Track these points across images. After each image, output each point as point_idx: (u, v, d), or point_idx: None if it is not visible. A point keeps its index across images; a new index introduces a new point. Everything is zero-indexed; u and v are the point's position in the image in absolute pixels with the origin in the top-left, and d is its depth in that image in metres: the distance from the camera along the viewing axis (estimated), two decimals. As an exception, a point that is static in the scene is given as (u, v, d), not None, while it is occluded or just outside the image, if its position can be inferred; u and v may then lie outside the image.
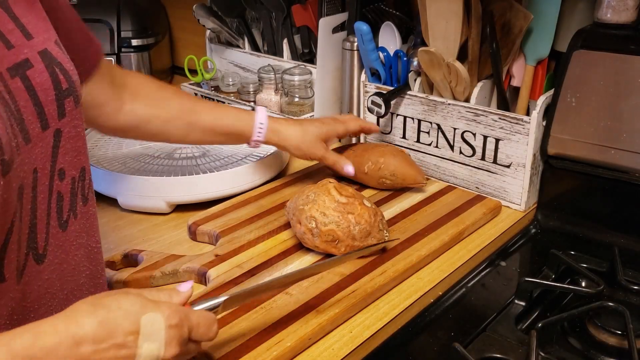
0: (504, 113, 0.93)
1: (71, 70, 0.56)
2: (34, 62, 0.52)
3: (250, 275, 0.77)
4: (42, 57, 0.53)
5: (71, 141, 0.57)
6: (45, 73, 0.53)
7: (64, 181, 0.56)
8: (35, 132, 0.52)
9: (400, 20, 1.12)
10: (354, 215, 0.78)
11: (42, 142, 0.53)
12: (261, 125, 0.90)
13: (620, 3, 0.86)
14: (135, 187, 0.94)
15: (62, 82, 0.54)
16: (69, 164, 0.56)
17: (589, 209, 0.93)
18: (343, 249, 0.78)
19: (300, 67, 1.24)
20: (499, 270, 0.86)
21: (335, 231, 0.77)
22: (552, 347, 0.71)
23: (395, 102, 1.05)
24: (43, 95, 0.52)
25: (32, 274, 0.52)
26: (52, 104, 0.53)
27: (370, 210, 0.80)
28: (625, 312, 0.71)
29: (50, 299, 0.56)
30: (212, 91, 1.38)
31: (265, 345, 0.65)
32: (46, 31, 0.55)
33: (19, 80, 0.50)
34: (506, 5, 0.92)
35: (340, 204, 0.79)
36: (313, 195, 0.80)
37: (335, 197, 0.80)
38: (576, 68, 0.88)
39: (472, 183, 1.00)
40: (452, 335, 0.73)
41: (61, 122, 0.55)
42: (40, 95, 0.52)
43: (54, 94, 0.53)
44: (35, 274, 0.53)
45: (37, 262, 0.53)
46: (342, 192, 0.80)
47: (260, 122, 0.90)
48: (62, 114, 0.55)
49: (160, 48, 1.58)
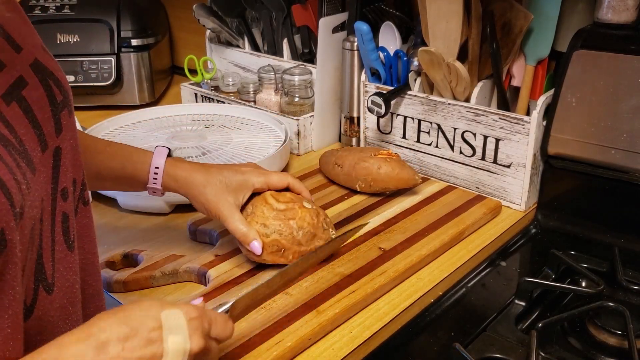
0: (504, 113, 0.93)
1: (62, 78, 0.53)
2: (28, 78, 0.48)
3: (250, 275, 0.77)
4: (35, 70, 0.49)
5: (69, 156, 0.53)
6: (40, 88, 0.49)
7: (68, 200, 0.52)
8: (37, 159, 0.47)
9: (400, 20, 1.12)
10: (296, 220, 0.76)
11: (44, 167, 0.48)
12: (156, 170, 0.76)
13: (621, 3, 0.86)
14: (135, 187, 0.94)
15: (57, 95, 0.51)
16: (70, 181, 0.53)
17: (589, 209, 0.93)
18: (291, 257, 0.77)
19: (300, 67, 1.24)
20: (499, 270, 0.86)
21: (279, 240, 0.76)
22: (552, 347, 0.71)
23: (396, 102, 1.05)
24: (40, 114, 0.48)
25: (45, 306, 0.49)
26: (49, 122, 0.49)
27: (311, 211, 0.78)
28: (625, 312, 0.71)
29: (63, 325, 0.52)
30: (212, 91, 1.38)
31: (265, 345, 0.65)
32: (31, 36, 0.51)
33: (16, 106, 0.46)
34: (506, 5, 0.93)
35: (280, 212, 0.77)
36: (251, 208, 0.78)
37: (273, 205, 0.77)
38: (576, 68, 0.88)
39: (472, 183, 1.00)
40: (452, 335, 0.73)
41: (59, 139, 0.51)
42: (38, 115, 0.48)
43: (50, 110, 0.50)
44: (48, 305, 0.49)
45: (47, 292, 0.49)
46: (280, 199, 0.78)
47: (155, 167, 0.76)
48: (59, 129, 0.51)
49: (160, 48, 1.58)
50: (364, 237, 0.86)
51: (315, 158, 1.12)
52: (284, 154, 1.09)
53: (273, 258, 0.77)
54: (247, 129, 1.21)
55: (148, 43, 1.48)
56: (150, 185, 0.77)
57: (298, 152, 1.20)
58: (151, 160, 0.77)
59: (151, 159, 0.77)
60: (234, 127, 1.22)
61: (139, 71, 1.47)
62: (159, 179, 0.77)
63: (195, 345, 0.49)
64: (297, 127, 1.18)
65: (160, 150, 0.78)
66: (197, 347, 0.50)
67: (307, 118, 1.19)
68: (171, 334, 0.48)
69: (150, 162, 0.77)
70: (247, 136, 1.17)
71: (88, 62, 1.40)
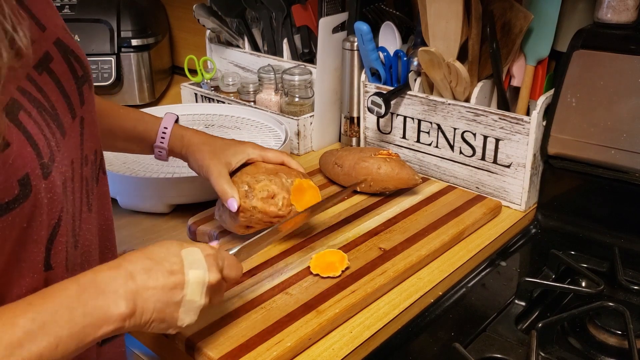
0: (504, 113, 0.93)
1: (82, 56, 0.57)
2: (53, 54, 0.52)
3: (250, 275, 0.77)
4: (58, 47, 0.53)
5: (90, 127, 0.57)
6: (64, 63, 0.53)
7: (88, 166, 0.57)
8: (68, 124, 0.52)
9: (400, 20, 1.12)
10: (284, 172, 0.80)
11: (73, 132, 0.53)
12: (164, 130, 0.82)
13: (621, 3, 0.86)
14: (135, 187, 0.94)
15: (77, 69, 0.55)
16: (89, 150, 0.57)
17: (589, 209, 0.93)
18: (281, 203, 0.78)
19: (300, 67, 1.24)
20: (499, 270, 0.86)
21: (269, 185, 0.78)
22: (552, 347, 0.71)
23: (395, 102, 1.05)
24: (67, 85, 0.52)
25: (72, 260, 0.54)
26: (75, 93, 0.54)
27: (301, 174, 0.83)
28: (625, 312, 0.71)
29: None
30: (212, 91, 1.38)
31: (265, 345, 0.65)
32: (54, 17, 0.55)
33: (47, 75, 0.50)
34: (506, 5, 0.92)
35: (270, 170, 0.80)
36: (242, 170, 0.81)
37: (264, 167, 0.81)
38: (576, 68, 0.88)
39: (472, 183, 1.00)
40: (452, 335, 0.73)
41: (82, 110, 0.55)
42: (65, 86, 0.52)
43: (74, 83, 0.54)
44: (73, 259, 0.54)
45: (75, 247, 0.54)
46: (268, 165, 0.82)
47: (164, 127, 0.82)
48: (82, 101, 0.55)
49: (160, 48, 1.58)
50: (364, 237, 0.86)
51: (315, 158, 1.13)
52: (284, 154, 1.09)
53: (264, 206, 0.77)
54: (247, 129, 1.21)
55: (148, 43, 1.48)
56: (158, 144, 0.82)
57: (298, 152, 1.20)
58: (161, 122, 0.83)
59: (161, 120, 0.83)
60: (234, 127, 1.22)
61: (139, 71, 1.47)
62: (167, 138, 0.82)
63: (212, 277, 0.56)
64: (297, 127, 1.18)
65: (169, 115, 0.84)
66: (214, 279, 0.56)
67: (307, 118, 1.19)
68: (191, 268, 0.55)
69: (160, 123, 0.83)
70: (247, 136, 1.17)
71: (88, 62, 1.40)
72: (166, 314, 0.53)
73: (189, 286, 0.54)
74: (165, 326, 0.54)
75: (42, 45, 0.51)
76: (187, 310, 0.55)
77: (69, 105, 0.53)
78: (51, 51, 0.52)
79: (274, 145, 1.12)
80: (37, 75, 0.49)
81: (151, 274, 0.52)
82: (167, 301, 0.53)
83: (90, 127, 0.58)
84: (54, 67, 0.51)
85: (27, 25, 0.43)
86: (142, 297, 0.51)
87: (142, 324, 0.51)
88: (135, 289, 0.50)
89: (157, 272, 0.52)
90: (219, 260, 0.59)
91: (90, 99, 0.58)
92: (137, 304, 0.50)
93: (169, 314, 0.53)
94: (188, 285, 0.54)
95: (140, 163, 1.04)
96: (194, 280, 0.54)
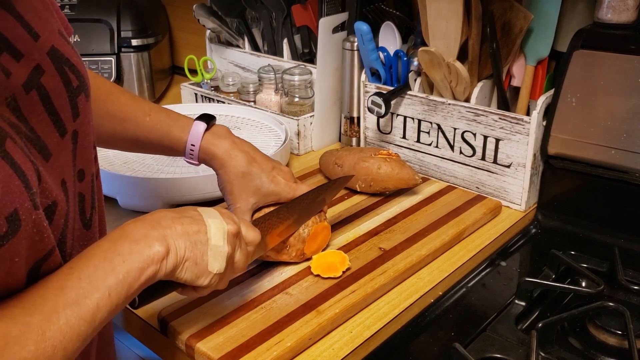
0: (504, 113, 0.93)
1: (78, 64, 0.54)
2: (45, 66, 0.49)
3: (250, 275, 0.77)
4: (51, 58, 0.50)
5: (86, 138, 0.55)
6: (57, 75, 0.50)
7: (84, 181, 0.55)
8: (54, 144, 0.49)
9: (400, 20, 1.12)
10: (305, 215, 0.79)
11: (64, 151, 0.51)
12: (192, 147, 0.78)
13: (621, 3, 0.86)
14: (135, 187, 0.94)
15: (72, 80, 0.52)
16: (86, 163, 0.55)
17: (589, 209, 0.93)
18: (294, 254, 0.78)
19: (300, 67, 1.24)
20: (499, 270, 0.86)
21: None
22: (552, 347, 0.71)
23: (395, 102, 1.05)
24: (57, 101, 0.50)
25: None
26: (66, 107, 0.51)
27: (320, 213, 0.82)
28: (625, 312, 0.71)
29: None
30: (212, 91, 1.38)
31: (265, 345, 0.65)
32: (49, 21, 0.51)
33: (35, 94, 0.47)
34: (506, 5, 0.93)
35: None
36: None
37: None
38: (576, 68, 0.88)
39: (472, 183, 1.00)
40: (452, 335, 0.73)
41: (76, 123, 0.53)
42: (55, 102, 0.50)
43: (67, 96, 0.51)
44: None
45: None
46: None
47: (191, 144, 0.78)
48: (76, 114, 0.53)
49: (160, 48, 1.58)
50: (364, 237, 0.86)
51: (315, 158, 1.13)
52: (284, 154, 1.09)
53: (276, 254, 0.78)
54: (247, 129, 1.21)
55: (148, 43, 1.48)
56: (187, 160, 0.80)
57: (298, 152, 1.20)
58: (187, 138, 0.78)
59: (188, 135, 0.78)
60: (234, 127, 1.21)
61: (139, 71, 1.47)
62: (195, 154, 0.79)
63: (231, 227, 0.59)
64: (297, 127, 1.18)
65: (197, 127, 0.78)
66: (233, 228, 0.59)
67: (307, 118, 1.19)
68: (210, 218, 0.58)
69: (187, 139, 0.78)
70: (247, 136, 1.17)
71: (88, 62, 1.40)
72: (197, 254, 0.56)
73: (211, 230, 0.57)
74: (198, 271, 0.56)
75: (34, 57, 0.48)
76: (215, 254, 0.57)
77: (56, 123, 0.50)
78: (43, 63, 0.49)
79: (274, 145, 1.12)
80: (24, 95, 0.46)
81: (175, 220, 0.55)
82: (195, 241, 0.56)
83: (85, 139, 0.55)
84: (45, 81, 0.48)
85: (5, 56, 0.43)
86: (172, 237, 0.54)
87: (178, 263, 0.54)
88: (163, 233, 0.53)
89: (180, 218, 0.56)
90: (235, 218, 0.62)
91: (87, 110, 0.55)
92: (169, 243, 0.53)
93: (200, 255, 0.56)
94: (210, 230, 0.57)
95: (140, 163, 1.04)
96: (214, 226, 0.58)
